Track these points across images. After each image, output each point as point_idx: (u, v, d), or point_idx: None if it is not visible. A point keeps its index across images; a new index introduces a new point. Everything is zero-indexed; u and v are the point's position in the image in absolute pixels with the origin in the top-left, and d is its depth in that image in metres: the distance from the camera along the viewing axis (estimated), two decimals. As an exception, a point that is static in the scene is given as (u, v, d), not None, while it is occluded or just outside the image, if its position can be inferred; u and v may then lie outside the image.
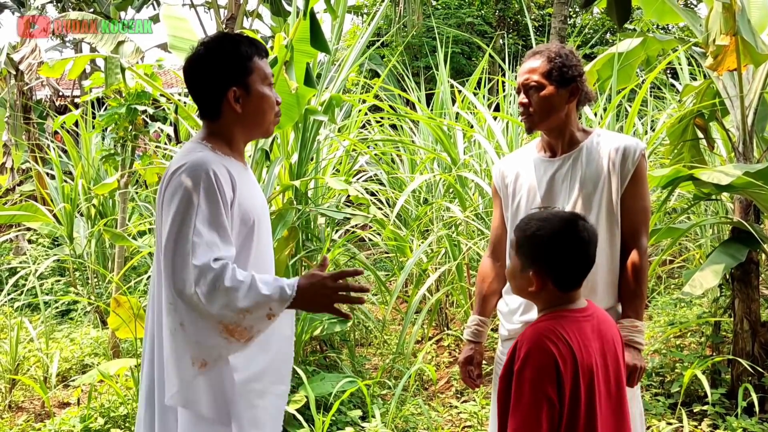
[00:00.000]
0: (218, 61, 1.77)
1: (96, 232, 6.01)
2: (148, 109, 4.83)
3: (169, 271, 1.61)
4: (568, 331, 1.55)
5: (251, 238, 1.76)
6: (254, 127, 1.84)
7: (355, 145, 4.96)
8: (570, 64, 2.05)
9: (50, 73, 3.75)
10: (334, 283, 1.64)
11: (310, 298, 1.64)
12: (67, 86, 12.59)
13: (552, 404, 1.49)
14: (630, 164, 2.02)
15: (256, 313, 1.60)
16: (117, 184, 4.07)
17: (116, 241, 3.66)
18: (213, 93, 1.78)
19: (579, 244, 1.58)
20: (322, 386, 3.16)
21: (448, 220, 5.03)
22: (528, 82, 2.06)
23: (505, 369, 1.58)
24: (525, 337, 1.57)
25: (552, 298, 1.62)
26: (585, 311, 1.63)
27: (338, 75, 4.36)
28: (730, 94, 3.90)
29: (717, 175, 3.24)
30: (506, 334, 2.18)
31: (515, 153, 2.32)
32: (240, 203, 1.73)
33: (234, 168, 1.77)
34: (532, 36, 5.85)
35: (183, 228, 1.61)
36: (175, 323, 1.63)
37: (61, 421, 3.26)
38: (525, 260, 1.62)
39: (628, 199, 2.02)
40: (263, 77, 1.80)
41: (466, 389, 4.21)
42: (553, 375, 1.49)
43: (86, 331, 5.22)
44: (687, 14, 4.12)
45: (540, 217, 1.63)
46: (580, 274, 1.61)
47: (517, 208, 2.18)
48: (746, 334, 3.78)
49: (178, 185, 1.66)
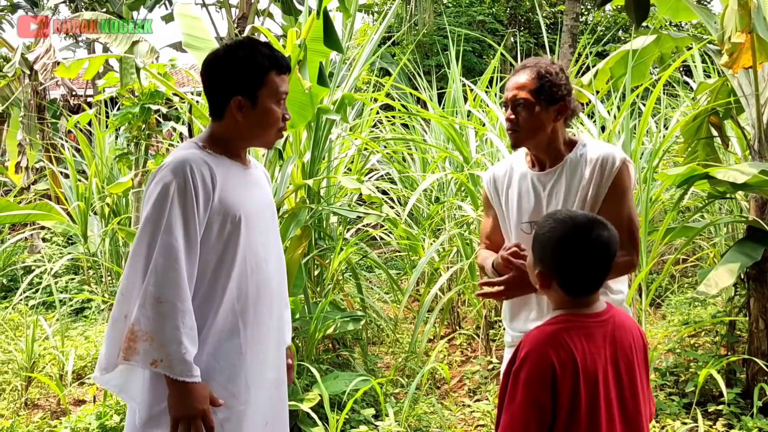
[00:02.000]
0: (231, 67, 1.79)
1: (110, 230, 6.05)
2: (162, 108, 4.87)
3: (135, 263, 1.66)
4: (573, 337, 1.53)
5: (237, 235, 1.77)
6: (253, 138, 1.86)
7: (367, 144, 4.96)
8: (559, 82, 2.03)
9: (66, 73, 3.78)
10: (197, 423, 1.66)
11: (184, 401, 1.65)
12: (80, 86, 12.68)
13: (543, 409, 1.49)
14: (608, 175, 1.99)
15: (153, 345, 1.60)
16: (131, 183, 4.10)
17: (130, 239, 3.68)
18: (219, 96, 1.81)
19: (588, 250, 1.54)
20: (335, 385, 3.17)
21: (460, 219, 5.02)
22: (516, 97, 2.04)
23: (507, 368, 1.58)
24: (528, 338, 1.56)
25: (561, 299, 1.60)
26: (599, 316, 1.60)
27: (350, 74, 4.36)
28: (745, 92, 3.87)
29: (733, 174, 3.22)
30: (510, 340, 2.18)
31: (506, 161, 2.29)
32: (222, 199, 1.75)
33: (222, 167, 1.79)
34: (545, 33, 5.82)
35: (156, 224, 1.66)
36: (120, 313, 1.67)
37: (77, 418, 3.28)
38: (535, 258, 1.62)
39: (606, 210, 1.95)
40: (275, 93, 1.80)
41: (479, 388, 4.20)
42: (547, 381, 1.48)
43: (101, 329, 5.26)
44: (701, 11, 4.09)
45: (558, 217, 1.60)
46: (591, 281, 1.58)
47: (508, 219, 2.18)
48: (761, 333, 3.75)
49: (156, 183, 1.71)
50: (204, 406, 1.67)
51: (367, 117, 5.19)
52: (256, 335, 1.82)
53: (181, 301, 1.64)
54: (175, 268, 1.64)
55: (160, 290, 1.62)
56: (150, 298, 1.62)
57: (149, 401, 1.71)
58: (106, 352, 1.69)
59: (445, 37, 12.60)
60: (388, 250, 6.56)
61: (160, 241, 1.64)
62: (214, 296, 1.74)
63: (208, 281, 1.74)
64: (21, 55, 7.32)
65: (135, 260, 1.67)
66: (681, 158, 4.80)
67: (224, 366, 1.74)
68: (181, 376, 1.62)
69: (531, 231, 2.07)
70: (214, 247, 1.75)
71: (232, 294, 1.77)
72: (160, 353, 1.61)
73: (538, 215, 2.07)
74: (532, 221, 2.09)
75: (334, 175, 4.05)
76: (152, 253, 1.64)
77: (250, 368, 1.80)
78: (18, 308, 5.77)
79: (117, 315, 1.68)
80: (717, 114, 4.38)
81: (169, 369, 1.62)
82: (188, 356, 1.64)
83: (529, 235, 2.08)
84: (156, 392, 1.70)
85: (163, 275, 1.63)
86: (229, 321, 1.77)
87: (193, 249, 1.69)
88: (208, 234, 1.74)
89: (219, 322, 1.75)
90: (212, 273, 1.75)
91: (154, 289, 1.62)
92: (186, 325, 1.64)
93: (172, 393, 1.66)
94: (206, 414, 1.68)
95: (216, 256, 1.75)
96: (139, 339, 1.61)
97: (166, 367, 1.62)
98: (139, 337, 1.61)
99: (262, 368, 1.86)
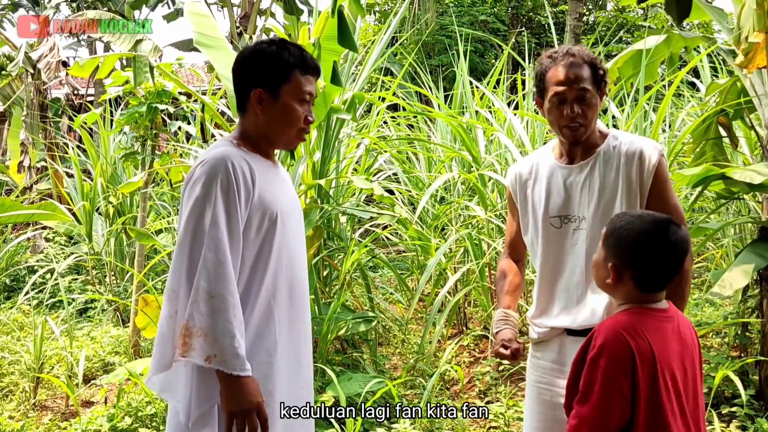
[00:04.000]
0: (256, 60, 1.80)
1: (115, 230, 6.02)
2: (169, 107, 4.83)
3: (182, 260, 1.66)
4: (649, 328, 1.55)
5: (273, 233, 1.78)
6: (273, 133, 1.85)
7: (375, 144, 4.93)
8: (604, 69, 2.01)
9: (80, 72, 3.76)
10: (252, 417, 1.66)
11: (238, 395, 1.64)
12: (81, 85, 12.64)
13: (623, 397, 1.50)
14: (650, 168, 1.96)
15: (207, 341, 1.60)
16: (141, 183, 4.07)
17: (141, 239, 3.65)
18: (241, 88, 1.83)
19: (664, 247, 1.57)
20: (349, 386, 3.15)
21: (469, 220, 5.00)
22: (583, 89, 1.97)
23: (578, 357, 1.59)
24: (603, 327, 1.57)
25: (631, 294, 1.61)
26: (666, 312, 1.63)
27: (360, 73, 4.34)
28: (757, 92, 3.85)
29: (749, 174, 3.20)
30: (536, 337, 2.14)
31: (531, 156, 2.25)
32: (261, 196, 1.75)
33: (258, 164, 1.80)
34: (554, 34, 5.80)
35: (200, 219, 1.66)
36: (171, 310, 1.67)
37: (88, 420, 3.25)
38: (609, 252, 1.63)
39: (654, 203, 1.95)
40: (299, 92, 1.80)
41: (489, 389, 4.18)
42: (628, 368, 1.50)
43: (106, 330, 5.23)
44: (713, 11, 4.07)
45: (634, 213, 1.64)
46: (663, 277, 1.60)
47: (533, 215, 2.13)
48: (775, 335, 3.74)
49: (198, 179, 1.71)
50: (258, 399, 1.67)
51: (375, 117, 5.16)
52: (291, 333, 1.82)
53: (232, 294, 1.65)
54: (224, 262, 1.64)
55: (212, 285, 1.62)
56: (202, 293, 1.62)
57: (198, 399, 1.69)
58: (159, 351, 1.69)
59: (447, 37, 12.59)
60: (392, 250, 6.54)
61: (207, 236, 1.64)
62: (250, 293, 1.74)
63: (246, 278, 1.74)
64: (24, 54, 7.27)
65: (180, 256, 1.67)
66: (689, 158, 4.78)
67: (260, 364, 1.73)
68: (235, 371, 1.62)
69: (561, 226, 2.05)
70: (253, 244, 1.75)
71: (268, 291, 1.77)
72: (213, 348, 1.61)
73: (568, 209, 2.04)
74: (562, 215, 2.05)
75: (344, 175, 4.02)
76: (198, 249, 1.64)
77: (286, 366, 1.80)
78: (21, 308, 5.74)
79: (169, 312, 1.68)
80: (726, 114, 4.37)
81: (223, 364, 1.61)
82: (241, 350, 1.64)
83: (559, 230, 2.05)
84: (205, 389, 1.69)
85: (213, 270, 1.63)
86: (264, 318, 1.76)
87: (236, 244, 1.69)
88: (248, 230, 1.74)
89: (255, 319, 1.75)
90: (250, 270, 1.75)
91: (206, 284, 1.62)
92: (237, 318, 1.65)
93: (225, 388, 1.65)
94: (261, 407, 1.67)
95: (254, 252, 1.75)
96: (194, 335, 1.61)
97: (220, 362, 1.61)
98: (194, 333, 1.62)
99: (300, 367, 1.85)
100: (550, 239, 2.07)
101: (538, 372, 2.13)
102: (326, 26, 3.14)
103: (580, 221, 2.03)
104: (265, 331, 1.76)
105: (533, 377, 2.15)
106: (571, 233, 2.03)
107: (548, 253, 2.09)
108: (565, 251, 2.05)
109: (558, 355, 2.05)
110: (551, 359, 2.07)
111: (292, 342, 1.82)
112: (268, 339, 1.76)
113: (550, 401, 2.06)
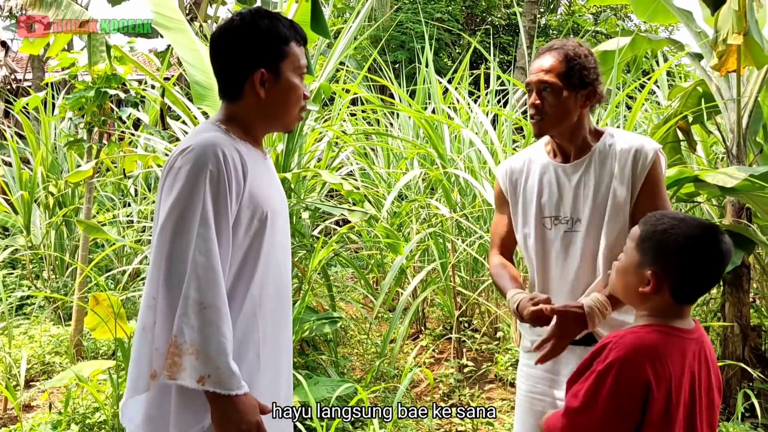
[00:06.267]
0: (252, 37, 1.58)
1: (55, 222, 5.66)
2: (119, 92, 4.55)
3: (161, 261, 1.43)
4: (673, 352, 1.42)
5: (262, 234, 1.57)
6: (275, 117, 1.64)
7: (339, 137, 4.78)
8: (589, 66, 1.90)
9: (30, 49, 3.45)
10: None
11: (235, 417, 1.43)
12: (20, 66, 11.96)
13: (625, 419, 1.39)
14: (643, 167, 1.87)
15: (199, 359, 1.39)
16: (92, 172, 3.79)
17: (90, 232, 3.39)
18: (238, 71, 1.60)
19: (714, 255, 1.44)
20: (317, 391, 2.99)
21: (430, 218, 4.91)
22: (542, 81, 1.89)
23: (585, 362, 1.47)
24: (622, 343, 1.43)
25: (663, 306, 1.48)
26: (691, 333, 1.49)
27: (326, 65, 4.17)
28: (724, 97, 3.88)
29: (722, 177, 3.20)
30: (529, 345, 2.03)
31: (523, 153, 2.15)
32: (252, 193, 1.54)
33: (249, 154, 1.59)
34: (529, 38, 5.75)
35: (185, 216, 1.43)
36: (149, 321, 1.44)
37: (31, 427, 2.99)
38: (646, 257, 1.47)
39: (643, 204, 1.86)
40: (297, 66, 1.62)
41: (453, 392, 4.10)
42: (638, 394, 1.38)
43: (45, 329, 4.91)
44: (681, 15, 4.08)
45: (675, 215, 1.49)
46: (703, 288, 1.49)
47: (524, 213, 2.04)
48: (737, 338, 3.78)
49: (182, 168, 1.47)
50: (257, 417, 1.45)
51: (339, 110, 5.00)
52: (274, 346, 1.62)
53: (225, 304, 1.43)
54: (216, 267, 1.42)
55: (203, 294, 1.40)
56: (193, 304, 1.39)
57: (180, 426, 1.46)
58: (136, 370, 1.45)
59: (402, 33, 12.50)
60: (350, 248, 6.39)
61: (197, 236, 1.41)
62: (233, 303, 1.51)
63: (229, 285, 1.51)
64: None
65: (159, 256, 1.43)
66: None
67: (244, 377, 1.50)
68: (233, 390, 1.41)
69: (551, 227, 1.96)
70: (239, 247, 1.53)
71: (253, 300, 1.55)
72: (207, 367, 1.39)
73: (561, 209, 1.95)
74: (554, 215, 1.96)
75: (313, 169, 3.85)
76: (180, 249, 1.41)
77: (268, 382, 1.60)
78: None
79: (145, 323, 1.44)
80: (685, 118, 4.40)
81: (218, 384, 1.40)
82: (235, 367, 1.42)
83: (550, 231, 1.96)
84: (191, 414, 1.46)
85: (205, 277, 1.40)
86: (248, 329, 1.55)
87: (225, 247, 1.48)
88: (236, 231, 1.52)
89: (239, 330, 1.53)
90: (234, 276, 1.53)
91: (197, 293, 1.39)
92: (230, 330, 1.43)
93: (219, 411, 1.42)
94: (260, 427, 1.46)
95: (240, 256, 1.53)
96: (184, 353, 1.38)
97: (215, 383, 1.39)
98: (184, 350, 1.38)
99: (279, 382, 1.66)
100: (541, 240, 1.98)
101: (530, 381, 2.04)
102: (299, 11, 2.97)
103: (574, 222, 1.94)
104: (248, 346, 1.55)
105: (525, 386, 2.06)
106: (563, 234, 1.95)
107: (540, 255, 1.99)
108: (556, 253, 1.96)
109: (552, 365, 1.95)
110: (545, 368, 1.98)
111: (275, 356, 1.63)
112: (251, 352, 1.56)
113: (542, 411, 1.95)
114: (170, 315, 1.41)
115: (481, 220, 4.94)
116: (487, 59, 6.94)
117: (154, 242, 1.47)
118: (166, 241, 1.43)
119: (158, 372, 1.42)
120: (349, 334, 5.23)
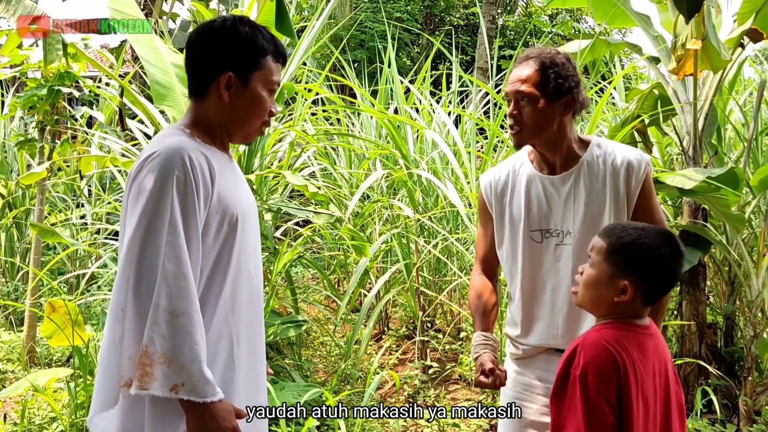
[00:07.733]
0: (228, 40, 1.56)
1: (5, 225, 5.46)
2: (73, 90, 4.41)
3: (130, 270, 1.39)
4: (630, 345, 1.49)
5: (233, 238, 1.54)
6: (235, 125, 1.61)
7: (301, 138, 4.72)
8: (566, 74, 1.86)
9: (-21, 45, 3.30)
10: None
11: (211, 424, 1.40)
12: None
13: (613, 409, 1.42)
14: (638, 181, 1.87)
15: (172, 368, 1.36)
16: (46, 174, 3.65)
17: (43, 236, 3.27)
18: (206, 70, 1.58)
19: (678, 259, 1.54)
20: (283, 396, 2.94)
21: (393, 219, 4.89)
22: (518, 91, 1.87)
23: (562, 372, 1.50)
24: (588, 342, 1.50)
25: (632, 309, 1.55)
26: (648, 329, 1.57)
27: (289, 64, 4.11)
28: (681, 100, 3.97)
29: (680, 179, 3.26)
30: (520, 353, 2.01)
31: (505, 163, 2.10)
32: (220, 196, 1.51)
33: (215, 158, 1.56)
34: (473, 35, 5.78)
35: (153, 223, 1.39)
36: (118, 333, 1.40)
37: (-18, 441, 2.88)
38: (619, 267, 1.52)
39: (640, 215, 1.87)
40: (268, 80, 1.60)
41: (418, 393, 4.10)
42: (614, 381, 1.43)
43: (-8, 334, 4.73)
44: (640, 19, 4.15)
45: (635, 225, 1.55)
46: (668, 289, 1.58)
47: (512, 228, 2.00)
48: (693, 336, 3.87)
49: (148, 175, 1.43)
50: (233, 423, 1.43)
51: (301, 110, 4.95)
52: (249, 351, 1.59)
53: (197, 312, 1.40)
54: (186, 274, 1.39)
55: (174, 302, 1.37)
56: (163, 312, 1.36)
57: None
58: (103, 383, 1.41)
59: (361, 32, 12.46)
60: (313, 248, 6.33)
61: (166, 244, 1.38)
62: (206, 308, 1.49)
63: (201, 291, 1.48)
64: None
65: (127, 266, 1.39)
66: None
67: (218, 383, 1.47)
68: (208, 398, 1.38)
69: (542, 240, 1.93)
70: (210, 252, 1.50)
71: (225, 306, 1.52)
72: (180, 376, 1.36)
73: (550, 223, 1.92)
74: (543, 229, 1.93)
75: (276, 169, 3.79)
76: (149, 258, 1.38)
77: (244, 387, 1.57)
78: None
79: (114, 336, 1.40)
80: (642, 121, 4.49)
81: (192, 392, 1.37)
82: (209, 373, 1.39)
83: (540, 244, 1.93)
84: (164, 423, 1.42)
85: (175, 284, 1.37)
86: (222, 335, 1.52)
87: (196, 253, 1.44)
88: (205, 236, 1.49)
89: (212, 336, 1.50)
90: (206, 281, 1.50)
91: (167, 301, 1.36)
92: (202, 337, 1.41)
93: (195, 419, 1.39)
94: (237, 431, 1.44)
95: (211, 261, 1.51)
96: (155, 362, 1.35)
97: (189, 391, 1.36)
98: (155, 360, 1.35)
99: (257, 386, 1.63)
100: (530, 254, 1.95)
101: (518, 388, 2.00)
102: (264, 10, 2.92)
103: (564, 235, 1.91)
104: (224, 349, 1.52)
105: (512, 393, 2.01)
106: (554, 248, 1.92)
107: (529, 268, 1.96)
108: (546, 267, 1.93)
109: (544, 372, 1.94)
110: (536, 376, 1.97)
111: (250, 358, 1.60)
112: (227, 358, 1.52)
113: (529, 420, 1.95)
114: (140, 325, 1.38)
115: (444, 221, 4.95)
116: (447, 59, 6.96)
117: (122, 252, 1.43)
118: (135, 250, 1.39)
119: (131, 381, 1.38)
120: (311, 336, 5.19)
